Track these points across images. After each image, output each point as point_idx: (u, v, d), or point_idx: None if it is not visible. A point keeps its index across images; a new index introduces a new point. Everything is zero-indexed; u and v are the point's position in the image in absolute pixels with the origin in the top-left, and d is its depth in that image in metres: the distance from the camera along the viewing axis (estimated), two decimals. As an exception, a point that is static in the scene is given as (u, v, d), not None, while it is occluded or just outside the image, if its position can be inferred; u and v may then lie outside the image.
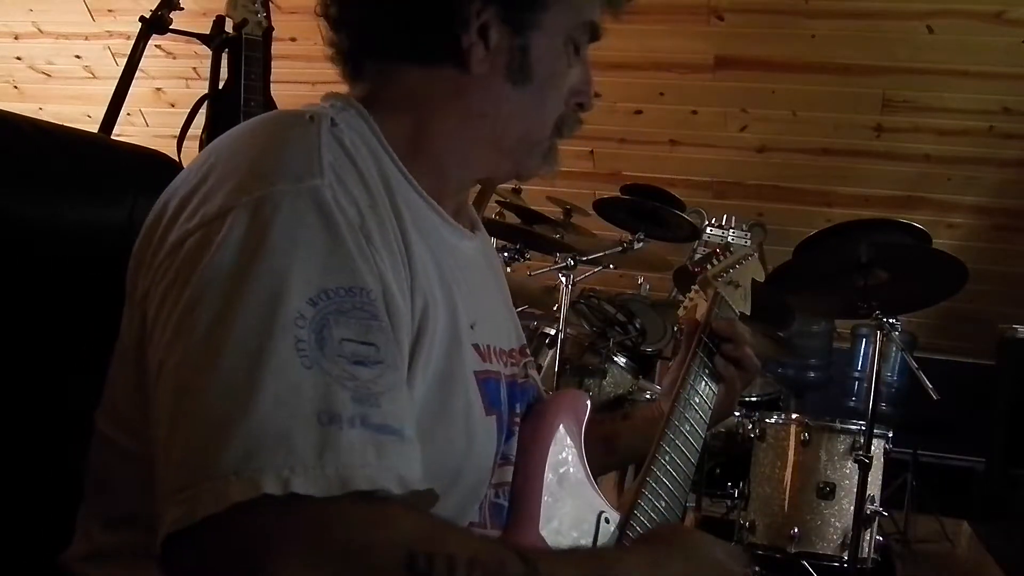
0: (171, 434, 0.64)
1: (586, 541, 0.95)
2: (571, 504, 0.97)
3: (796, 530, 2.79)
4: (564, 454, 0.99)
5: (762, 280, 1.32)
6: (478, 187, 2.13)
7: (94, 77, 4.73)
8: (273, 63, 2.71)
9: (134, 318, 0.79)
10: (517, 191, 3.38)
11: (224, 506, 0.59)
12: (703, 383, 1.11)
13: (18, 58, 4.77)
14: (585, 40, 0.96)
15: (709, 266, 1.26)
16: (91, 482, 0.86)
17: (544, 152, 0.98)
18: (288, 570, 0.59)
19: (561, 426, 1.00)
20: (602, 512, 0.97)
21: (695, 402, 1.09)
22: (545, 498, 0.94)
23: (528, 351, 1.08)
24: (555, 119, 0.96)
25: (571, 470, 0.99)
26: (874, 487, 2.80)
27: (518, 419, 0.98)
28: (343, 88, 0.96)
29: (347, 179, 0.77)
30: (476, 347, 0.90)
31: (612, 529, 0.97)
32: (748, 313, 1.26)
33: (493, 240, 3.19)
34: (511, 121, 0.93)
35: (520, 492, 0.95)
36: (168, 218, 0.78)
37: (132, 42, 2.61)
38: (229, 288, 0.68)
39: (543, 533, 0.92)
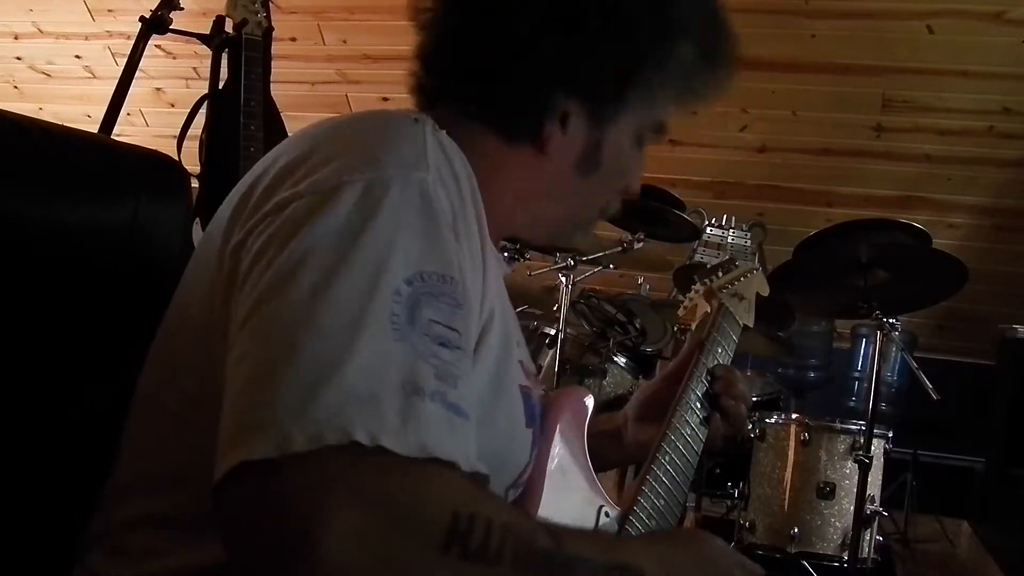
0: (261, 380, 0.66)
1: None
2: (572, 498, 0.98)
3: (796, 530, 2.80)
4: (566, 449, 1.00)
5: (766, 295, 1.33)
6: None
7: (94, 77, 4.73)
8: (273, 63, 2.71)
9: (220, 271, 0.81)
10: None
11: (315, 446, 0.62)
12: (705, 386, 1.12)
13: (18, 58, 4.77)
14: (652, 137, 1.01)
15: (715, 277, 1.27)
16: (131, 447, 0.88)
17: (584, 230, 1.05)
18: (344, 517, 0.61)
19: (564, 422, 1.01)
20: (602, 506, 0.99)
21: (696, 407, 1.10)
22: (546, 491, 0.95)
23: (539, 374, 1.10)
24: (604, 203, 1.03)
25: (573, 465, 1.00)
26: (874, 487, 2.80)
27: None
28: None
29: (446, 178, 0.82)
30: (521, 363, 0.94)
31: (611, 523, 0.98)
32: (751, 325, 1.27)
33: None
34: (567, 204, 0.99)
35: (523, 485, 0.95)
36: (270, 179, 0.81)
37: (132, 42, 2.62)
38: (336, 253, 0.71)
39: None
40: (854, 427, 2.88)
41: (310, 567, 0.60)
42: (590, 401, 1.06)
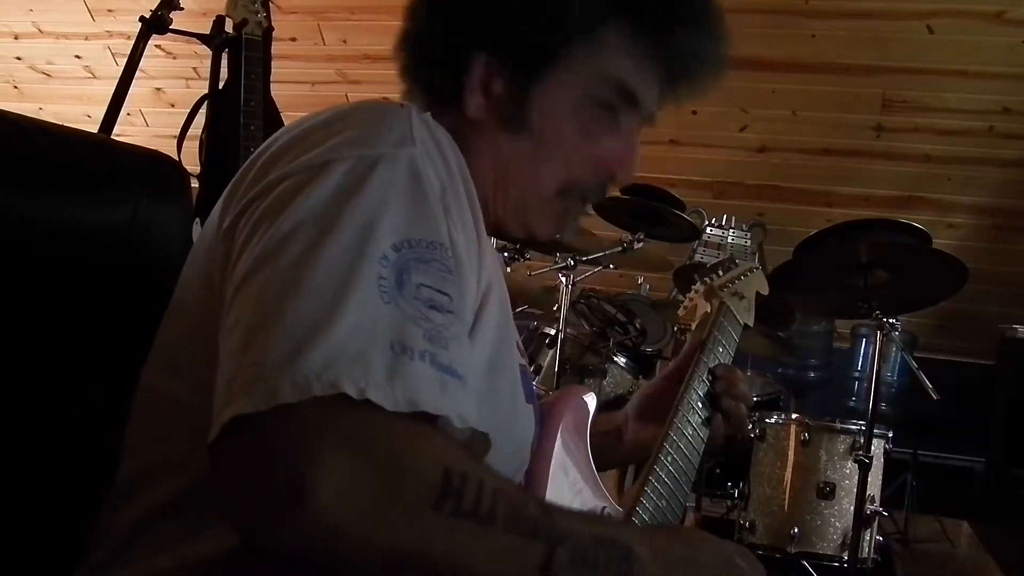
0: (250, 340, 0.67)
1: None
2: (574, 498, 0.98)
3: (796, 530, 2.80)
4: (568, 449, 1.00)
5: (766, 294, 1.33)
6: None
7: (94, 77, 4.73)
8: (273, 63, 2.71)
9: (214, 255, 0.82)
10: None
11: (302, 397, 0.63)
12: (706, 386, 1.12)
13: (18, 58, 4.77)
14: (622, 106, 0.96)
15: (715, 276, 1.27)
16: (136, 442, 0.88)
17: (557, 214, 1.00)
18: (336, 465, 0.62)
19: (565, 423, 1.01)
20: (604, 508, 0.99)
21: (698, 406, 1.09)
22: (548, 492, 0.95)
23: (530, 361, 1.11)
24: (562, 180, 0.97)
25: (575, 465, 1.00)
26: (874, 487, 2.80)
27: None
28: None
29: (433, 155, 0.83)
30: (517, 343, 0.95)
31: None
32: (751, 325, 1.27)
33: (493, 240, 3.18)
34: (512, 172, 0.97)
35: (526, 485, 0.96)
36: (261, 164, 0.83)
37: (132, 42, 2.62)
38: (323, 221, 0.73)
39: None
40: (854, 427, 2.88)
41: (303, 516, 0.61)
42: (592, 401, 1.06)
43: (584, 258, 3.03)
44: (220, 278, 0.80)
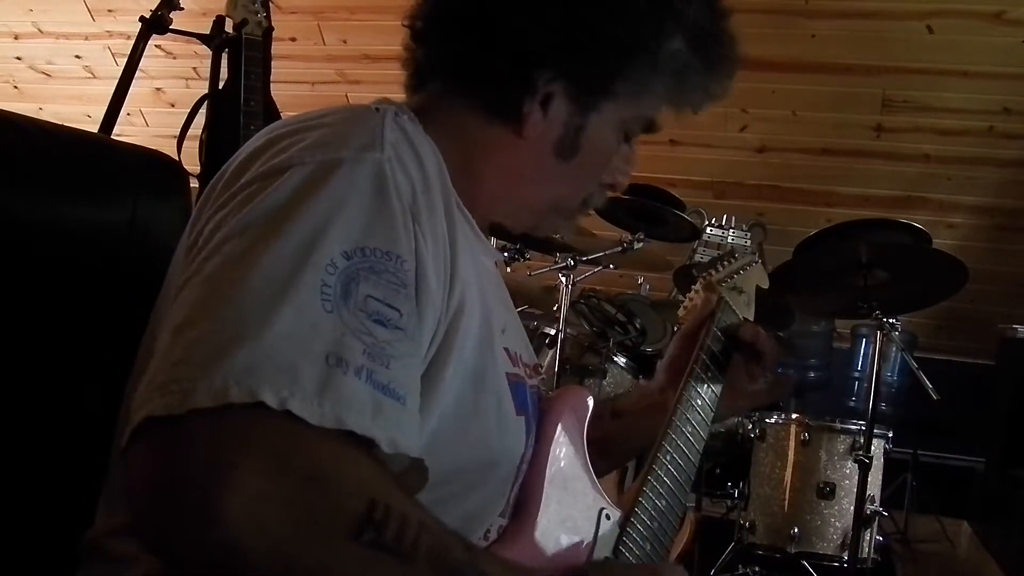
0: (176, 338, 0.65)
1: (586, 537, 0.95)
2: (572, 500, 0.97)
3: (796, 530, 2.80)
4: (566, 451, 0.99)
5: (766, 287, 1.32)
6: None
7: (94, 77, 4.73)
8: (273, 63, 2.71)
9: (187, 265, 0.80)
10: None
11: (217, 403, 0.60)
12: (705, 385, 1.11)
13: (18, 58, 4.77)
14: (639, 131, 0.99)
15: (714, 271, 1.26)
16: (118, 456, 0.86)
17: (566, 219, 1.03)
18: (247, 479, 0.59)
19: (563, 423, 1.00)
20: (603, 509, 0.98)
21: (697, 404, 1.09)
22: (546, 494, 0.94)
23: (541, 369, 1.09)
24: (583, 198, 1.01)
25: (572, 467, 0.99)
26: (874, 487, 2.80)
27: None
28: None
29: (405, 160, 0.80)
30: (507, 351, 0.92)
31: (612, 525, 0.97)
32: (751, 319, 1.26)
33: (493, 240, 3.18)
34: (546, 188, 0.97)
35: (523, 487, 0.95)
36: (230, 174, 0.81)
37: (132, 42, 2.62)
38: (271, 223, 0.70)
39: (542, 527, 0.92)
40: (854, 427, 2.88)
41: (205, 531, 0.58)
42: (590, 401, 1.06)
43: (584, 258, 3.03)
44: None
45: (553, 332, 2.93)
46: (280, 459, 0.61)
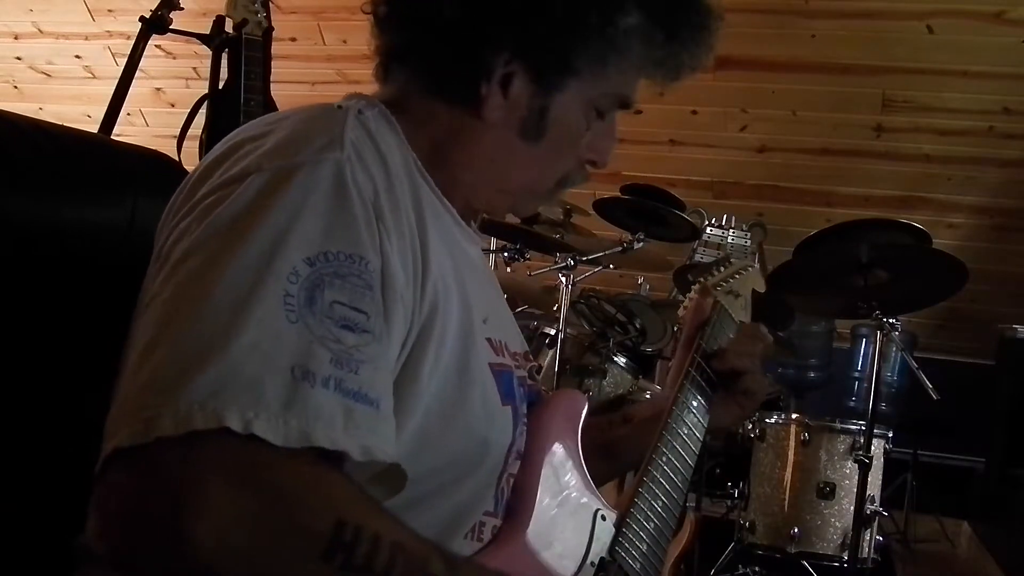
0: (142, 360, 0.64)
1: (582, 539, 0.95)
2: (567, 503, 0.97)
3: (796, 530, 2.80)
4: (561, 453, 0.99)
5: (762, 291, 1.32)
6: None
7: (94, 77, 4.73)
8: (273, 63, 2.71)
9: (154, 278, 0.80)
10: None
11: (181, 431, 0.59)
12: (701, 387, 1.12)
13: (18, 58, 4.77)
14: (612, 108, 0.97)
15: (710, 276, 1.26)
16: None
17: (544, 198, 1.02)
18: (215, 504, 0.59)
19: (557, 425, 1.00)
20: (598, 510, 0.97)
21: (693, 406, 1.09)
22: (540, 496, 0.94)
23: (531, 356, 1.08)
24: (559, 177, 0.99)
25: (567, 469, 0.99)
26: (874, 487, 2.80)
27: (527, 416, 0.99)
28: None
29: (367, 158, 0.80)
30: (489, 341, 0.91)
31: (608, 527, 0.97)
32: (748, 323, 1.26)
33: (493, 240, 3.19)
34: (517, 171, 0.95)
35: (516, 489, 0.95)
36: (192, 182, 0.80)
37: (132, 42, 2.62)
38: (230, 235, 0.69)
39: (535, 528, 0.92)
40: (854, 427, 2.88)
41: (183, 556, 0.58)
42: (584, 403, 1.05)
43: (584, 258, 3.03)
44: None
45: (553, 332, 2.93)
46: (247, 483, 0.61)
